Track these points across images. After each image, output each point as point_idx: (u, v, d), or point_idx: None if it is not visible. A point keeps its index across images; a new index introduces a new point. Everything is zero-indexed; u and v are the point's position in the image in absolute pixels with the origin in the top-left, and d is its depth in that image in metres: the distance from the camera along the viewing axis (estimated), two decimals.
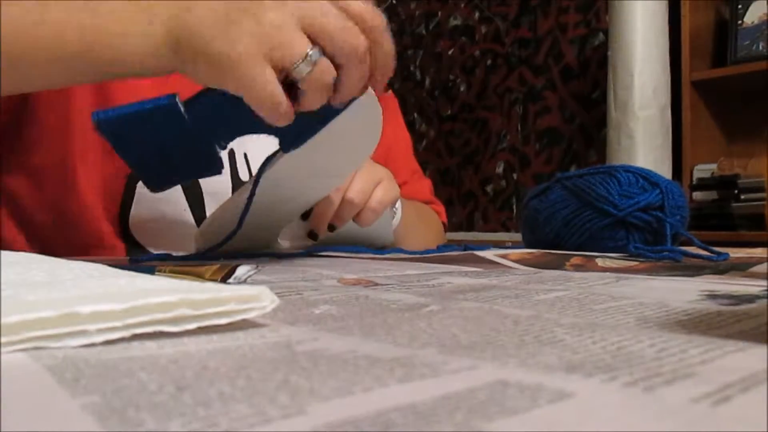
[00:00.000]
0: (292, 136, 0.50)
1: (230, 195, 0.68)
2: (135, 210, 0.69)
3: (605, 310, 0.27)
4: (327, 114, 0.48)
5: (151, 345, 0.20)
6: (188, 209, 0.71)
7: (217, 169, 0.51)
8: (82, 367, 0.17)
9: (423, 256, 0.60)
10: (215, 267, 0.39)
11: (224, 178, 0.72)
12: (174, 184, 0.58)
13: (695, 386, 0.14)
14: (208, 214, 0.70)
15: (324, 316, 0.26)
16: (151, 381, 0.16)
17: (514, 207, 2.36)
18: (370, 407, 0.13)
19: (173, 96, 0.46)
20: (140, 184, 0.69)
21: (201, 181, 0.71)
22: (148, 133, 0.48)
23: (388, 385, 0.15)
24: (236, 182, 0.73)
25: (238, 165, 0.74)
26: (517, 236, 0.73)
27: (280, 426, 0.12)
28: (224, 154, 0.51)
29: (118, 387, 0.15)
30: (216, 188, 0.71)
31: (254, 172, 0.71)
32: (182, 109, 0.47)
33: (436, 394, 0.14)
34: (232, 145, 0.63)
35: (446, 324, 0.24)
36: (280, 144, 0.51)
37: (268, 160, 0.55)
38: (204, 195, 0.71)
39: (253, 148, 0.75)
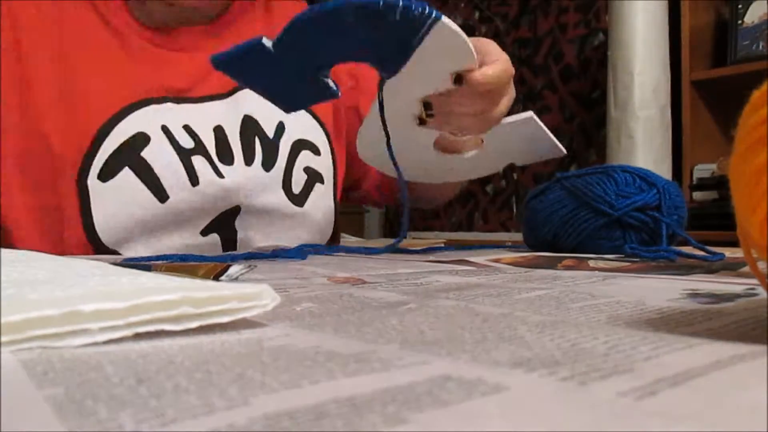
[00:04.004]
0: (388, 62, 0.56)
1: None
2: (96, 209, 0.68)
3: (581, 308, 0.28)
4: (412, 35, 0.54)
5: (127, 341, 0.20)
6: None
7: (329, 94, 0.56)
8: (55, 361, 0.18)
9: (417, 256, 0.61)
10: (209, 266, 0.39)
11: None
12: (301, 107, 0.64)
13: (628, 381, 0.15)
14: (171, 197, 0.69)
15: (303, 313, 0.27)
16: (115, 374, 0.16)
17: (514, 207, 2.36)
18: (311, 399, 0.13)
19: (260, 37, 0.52)
20: (90, 178, 0.67)
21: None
22: (255, 68, 0.54)
23: (336, 378, 0.15)
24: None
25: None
26: (517, 236, 0.73)
27: (223, 416, 0.12)
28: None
29: (83, 380, 0.16)
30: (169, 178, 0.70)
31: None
32: (269, 45, 0.51)
33: (378, 387, 0.14)
34: None
35: (417, 321, 0.24)
36: (380, 73, 0.57)
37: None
38: (164, 185, 0.69)
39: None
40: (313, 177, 0.78)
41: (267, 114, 0.73)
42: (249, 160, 0.72)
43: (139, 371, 0.17)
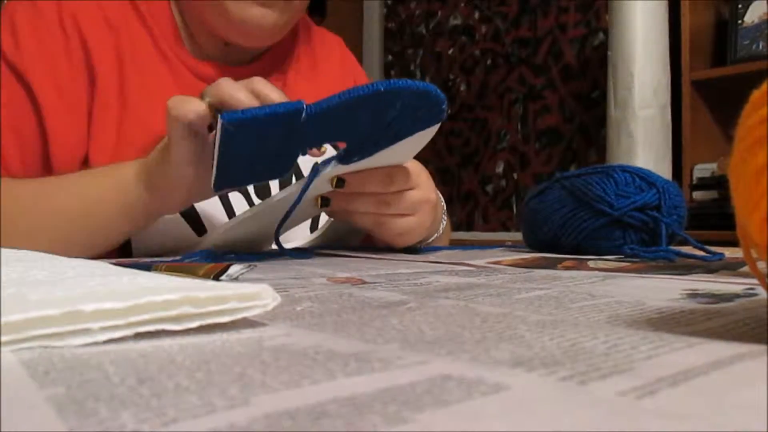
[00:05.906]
0: (358, 150, 0.54)
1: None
2: (135, 245, 0.69)
3: (581, 308, 0.28)
4: (396, 135, 0.53)
5: (128, 340, 0.20)
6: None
7: (286, 172, 0.55)
8: (56, 361, 0.18)
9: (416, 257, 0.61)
10: (209, 266, 0.39)
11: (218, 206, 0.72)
12: (239, 185, 0.63)
13: (627, 380, 0.15)
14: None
15: (303, 313, 0.27)
16: (116, 374, 0.16)
17: (514, 207, 2.36)
18: (311, 399, 0.13)
19: (301, 102, 0.50)
20: None
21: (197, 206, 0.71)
22: (259, 136, 0.50)
23: (336, 378, 0.15)
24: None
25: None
26: (517, 236, 0.73)
27: (224, 416, 0.12)
28: None
29: (84, 380, 0.16)
30: (208, 213, 0.72)
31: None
32: (304, 114, 0.49)
33: (379, 387, 0.14)
34: None
35: (417, 321, 0.24)
36: (344, 154, 0.55)
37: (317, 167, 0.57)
38: (202, 219, 0.71)
39: None
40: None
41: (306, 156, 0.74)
42: None
43: (140, 371, 0.17)
